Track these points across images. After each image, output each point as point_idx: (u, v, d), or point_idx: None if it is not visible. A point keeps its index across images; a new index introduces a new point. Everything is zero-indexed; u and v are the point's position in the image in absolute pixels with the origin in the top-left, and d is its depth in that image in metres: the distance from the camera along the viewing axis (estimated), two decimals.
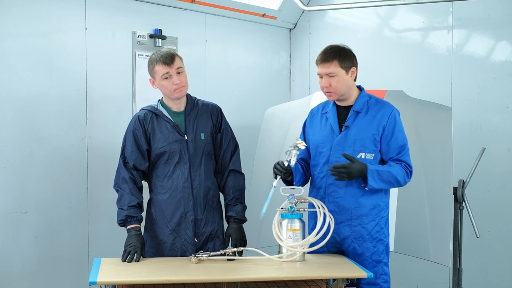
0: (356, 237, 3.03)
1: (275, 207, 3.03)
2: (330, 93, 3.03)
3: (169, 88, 3.10)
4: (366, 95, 3.10)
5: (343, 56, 3.02)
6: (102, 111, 3.91)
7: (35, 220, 3.62)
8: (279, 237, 2.94)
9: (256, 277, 2.70)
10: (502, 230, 4.17)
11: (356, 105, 3.07)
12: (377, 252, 3.03)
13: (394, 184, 3.00)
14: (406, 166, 3.02)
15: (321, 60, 3.02)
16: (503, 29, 4.14)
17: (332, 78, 3.00)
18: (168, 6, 4.27)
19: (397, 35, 4.66)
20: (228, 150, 3.28)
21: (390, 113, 3.03)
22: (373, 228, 3.03)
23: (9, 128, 3.51)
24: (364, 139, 3.02)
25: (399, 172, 2.98)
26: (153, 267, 2.82)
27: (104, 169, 3.82)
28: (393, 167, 2.98)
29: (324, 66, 3.01)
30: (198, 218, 3.17)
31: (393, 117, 3.03)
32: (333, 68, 2.99)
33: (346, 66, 3.01)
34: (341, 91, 3.02)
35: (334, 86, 3.00)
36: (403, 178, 2.99)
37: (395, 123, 3.03)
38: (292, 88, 5.28)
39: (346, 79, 3.02)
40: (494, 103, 4.18)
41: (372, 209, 3.02)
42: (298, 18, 5.23)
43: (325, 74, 3.01)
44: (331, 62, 2.99)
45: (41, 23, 3.62)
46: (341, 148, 3.03)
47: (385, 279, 3.04)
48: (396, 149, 3.02)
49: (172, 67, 3.09)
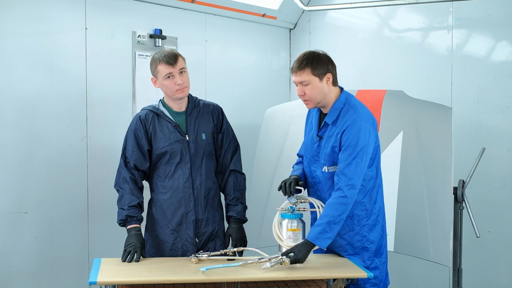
0: (337, 246, 3.01)
1: (275, 207, 3.04)
2: (306, 101, 2.96)
3: (171, 88, 3.10)
4: (342, 102, 2.95)
5: (315, 63, 2.90)
6: (102, 111, 3.91)
7: (35, 220, 3.62)
8: (279, 237, 2.94)
9: (256, 277, 2.70)
10: (502, 230, 4.17)
11: (328, 116, 2.96)
12: (362, 259, 2.98)
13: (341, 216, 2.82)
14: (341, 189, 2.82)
15: (294, 69, 2.94)
16: (503, 29, 4.14)
17: (306, 86, 2.91)
18: (168, 6, 4.27)
19: (397, 35, 4.66)
20: (229, 150, 3.28)
21: (350, 123, 2.87)
22: (353, 238, 2.97)
23: (9, 128, 3.51)
24: (326, 153, 2.96)
25: (331, 208, 2.82)
26: (153, 267, 2.82)
27: (104, 169, 3.82)
28: (325, 211, 2.85)
29: (297, 74, 2.92)
30: (199, 218, 3.17)
31: (350, 128, 2.86)
32: (305, 76, 2.90)
33: (320, 73, 2.90)
34: (316, 99, 2.93)
35: (309, 94, 2.92)
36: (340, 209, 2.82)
37: (349, 133, 2.85)
38: (292, 88, 5.28)
39: (320, 86, 2.91)
40: (494, 103, 4.18)
41: (348, 220, 2.93)
42: (298, 18, 5.23)
43: (298, 82, 2.93)
44: (303, 70, 2.90)
45: (41, 23, 3.62)
46: (316, 159, 3.01)
47: (373, 282, 2.97)
48: (342, 161, 2.86)
49: (175, 67, 3.08)
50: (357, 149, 2.84)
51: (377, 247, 3.00)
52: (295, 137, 3.53)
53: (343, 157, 2.86)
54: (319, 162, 3.00)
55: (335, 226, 2.83)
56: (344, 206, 2.83)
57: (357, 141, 2.85)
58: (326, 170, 2.96)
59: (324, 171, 2.97)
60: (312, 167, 3.05)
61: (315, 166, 3.03)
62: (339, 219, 2.83)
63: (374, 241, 2.99)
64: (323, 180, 2.99)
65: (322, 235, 2.81)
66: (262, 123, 4.25)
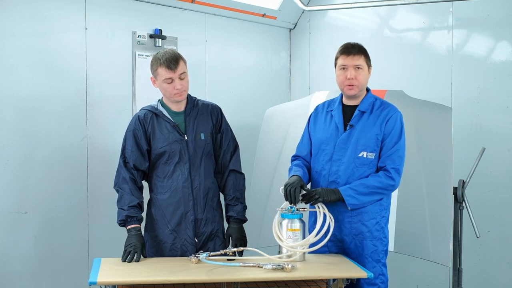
0: (356, 234, 3.03)
1: (275, 207, 3.04)
2: (352, 86, 3.04)
3: (170, 91, 3.10)
4: (373, 96, 3.13)
5: (366, 54, 3.08)
6: (102, 111, 3.91)
7: (35, 220, 3.62)
8: (279, 237, 2.94)
9: (256, 277, 2.70)
10: (502, 230, 4.17)
11: (362, 105, 3.09)
12: (376, 252, 3.03)
13: (378, 192, 2.97)
14: (389, 170, 2.98)
15: (348, 52, 3.04)
16: (503, 29, 4.14)
17: (358, 71, 3.03)
18: (168, 6, 4.27)
19: (397, 35, 4.66)
20: (228, 150, 3.28)
21: (393, 114, 3.05)
22: (373, 226, 3.03)
23: (9, 128, 3.51)
24: (367, 139, 3.03)
25: (376, 179, 2.97)
26: (153, 267, 2.82)
27: (104, 169, 3.82)
28: (367, 178, 2.98)
29: (353, 58, 3.03)
30: (198, 218, 3.17)
31: (394, 118, 3.04)
32: (361, 61, 3.04)
33: (369, 63, 3.09)
34: (363, 85, 3.07)
35: (359, 79, 3.03)
36: (384, 184, 2.97)
37: (395, 124, 3.03)
38: (292, 88, 5.28)
39: (367, 75, 3.08)
40: (494, 103, 4.18)
41: (373, 207, 3.03)
42: (298, 18, 5.23)
43: (352, 66, 3.02)
44: (360, 55, 3.04)
45: (41, 23, 3.62)
46: (344, 146, 3.05)
47: (382, 279, 3.04)
48: (387, 150, 3.01)
49: (176, 73, 3.07)
50: (401, 138, 3.03)
51: (386, 244, 3.09)
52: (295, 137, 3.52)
53: (389, 144, 3.00)
54: (347, 150, 3.03)
55: (369, 195, 2.94)
56: (388, 182, 2.97)
57: (401, 131, 3.03)
58: (365, 156, 3.02)
59: (362, 156, 3.02)
60: (335, 156, 3.06)
61: (339, 154, 3.05)
62: (376, 191, 2.95)
63: (387, 236, 3.10)
64: (353, 167, 3.01)
65: (354, 192, 2.91)
66: (262, 123, 4.25)
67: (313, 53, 5.14)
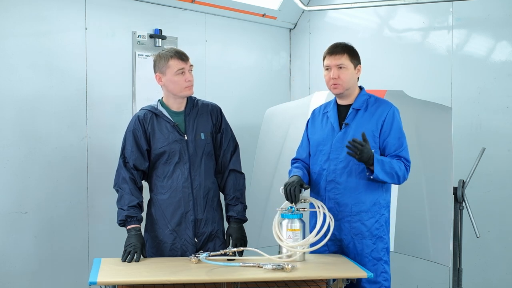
0: (356, 233, 3.04)
1: (275, 207, 3.04)
2: (336, 85, 3.06)
3: (181, 84, 3.11)
4: (366, 94, 3.14)
5: (352, 52, 3.09)
6: (102, 111, 3.91)
7: (35, 220, 3.62)
8: (279, 237, 2.94)
9: (256, 277, 2.70)
10: (502, 230, 4.17)
11: (355, 103, 3.10)
12: (376, 250, 3.03)
13: (394, 177, 2.98)
14: (405, 161, 3.03)
15: (331, 52, 3.07)
16: (503, 29, 4.14)
17: (341, 70, 3.04)
18: (168, 6, 4.27)
19: (397, 35, 4.66)
20: (228, 150, 3.28)
21: (389, 109, 3.06)
22: (373, 225, 3.03)
23: (9, 128, 3.51)
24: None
25: (400, 165, 2.99)
26: (153, 267, 2.82)
27: (104, 169, 3.82)
28: (394, 160, 3.00)
29: (335, 58, 3.05)
30: (198, 218, 3.17)
31: (391, 114, 3.05)
32: (343, 60, 3.05)
33: (355, 62, 3.08)
34: (347, 85, 3.06)
35: (342, 78, 3.04)
36: (402, 173, 3.00)
37: (393, 119, 3.05)
38: (292, 88, 5.28)
39: (353, 74, 3.08)
40: (494, 103, 4.18)
41: (372, 206, 3.03)
42: (298, 18, 5.23)
43: (334, 65, 3.04)
44: (342, 54, 3.05)
45: (41, 23, 3.62)
46: (340, 145, 3.05)
47: (385, 277, 3.05)
48: (394, 145, 3.03)
49: (187, 64, 3.12)
50: (402, 133, 3.06)
51: (387, 242, 3.09)
52: (295, 137, 3.53)
53: (393, 140, 3.02)
54: (343, 148, 3.01)
55: (392, 172, 2.95)
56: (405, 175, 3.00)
57: (400, 126, 3.07)
58: None
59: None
60: (332, 155, 3.07)
61: (336, 153, 3.06)
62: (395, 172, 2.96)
63: (387, 233, 3.10)
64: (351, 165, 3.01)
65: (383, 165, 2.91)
66: (262, 123, 4.25)
67: (313, 53, 5.14)
